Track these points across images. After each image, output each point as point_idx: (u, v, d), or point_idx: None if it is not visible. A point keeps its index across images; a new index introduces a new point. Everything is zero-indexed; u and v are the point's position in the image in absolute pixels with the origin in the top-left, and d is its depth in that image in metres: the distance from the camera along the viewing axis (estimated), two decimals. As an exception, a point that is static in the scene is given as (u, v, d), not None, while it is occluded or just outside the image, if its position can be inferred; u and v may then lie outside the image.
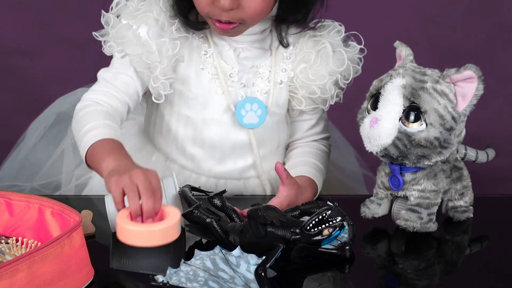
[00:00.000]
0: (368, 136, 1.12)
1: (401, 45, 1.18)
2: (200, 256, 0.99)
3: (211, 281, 0.95)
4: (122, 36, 1.21)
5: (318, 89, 1.26)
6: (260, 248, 1.00)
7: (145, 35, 1.20)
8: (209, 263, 0.98)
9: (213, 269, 0.97)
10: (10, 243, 1.01)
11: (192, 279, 0.95)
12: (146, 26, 1.20)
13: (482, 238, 1.18)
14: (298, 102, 1.28)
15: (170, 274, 0.96)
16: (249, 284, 0.96)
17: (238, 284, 0.96)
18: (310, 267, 1.03)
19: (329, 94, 1.27)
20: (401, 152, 1.11)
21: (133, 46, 1.21)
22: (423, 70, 1.12)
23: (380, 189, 1.19)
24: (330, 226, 0.98)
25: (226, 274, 0.97)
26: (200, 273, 0.96)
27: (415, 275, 1.05)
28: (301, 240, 0.99)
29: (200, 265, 0.97)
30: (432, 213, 1.16)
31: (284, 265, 1.01)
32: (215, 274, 0.97)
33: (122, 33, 1.21)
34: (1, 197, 1.07)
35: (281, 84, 1.27)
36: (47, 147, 1.48)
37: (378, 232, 1.19)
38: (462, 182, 1.20)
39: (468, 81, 1.10)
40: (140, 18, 1.20)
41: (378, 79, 1.18)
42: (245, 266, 0.98)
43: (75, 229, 0.93)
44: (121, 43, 1.22)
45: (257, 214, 1.02)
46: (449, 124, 1.10)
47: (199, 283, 0.95)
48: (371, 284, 1.05)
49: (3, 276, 0.85)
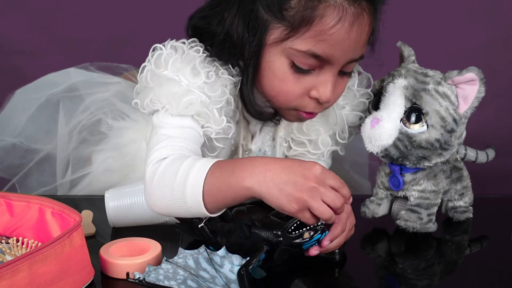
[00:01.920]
0: (369, 136, 1.12)
1: (403, 46, 1.18)
2: (184, 254, 0.99)
3: (189, 280, 0.94)
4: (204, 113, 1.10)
5: (311, 144, 1.24)
6: (246, 249, 1.00)
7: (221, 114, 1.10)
8: (191, 262, 0.98)
9: (194, 268, 0.97)
10: (10, 243, 1.01)
11: (170, 277, 0.94)
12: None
13: (482, 238, 1.18)
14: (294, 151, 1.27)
15: (149, 271, 0.95)
16: (230, 284, 0.95)
17: (218, 284, 0.95)
18: (299, 270, 1.03)
19: (324, 149, 1.24)
20: (401, 153, 1.11)
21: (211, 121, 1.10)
22: (425, 71, 1.12)
23: (380, 189, 1.20)
24: (311, 229, 0.97)
25: (207, 273, 0.97)
26: (180, 271, 0.96)
27: (415, 275, 1.05)
28: (283, 242, 0.99)
29: (181, 264, 0.97)
30: (432, 214, 1.16)
31: (273, 266, 1.01)
32: (196, 273, 0.96)
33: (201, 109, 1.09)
34: (1, 197, 1.07)
35: (285, 144, 1.26)
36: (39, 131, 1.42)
37: (378, 232, 1.19)
38: (462, 182, 1.20)
39: (470, 83, 1.10)
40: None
41: (379, 79, 1.18)
42: (228, 266, 0.98)
43: (75, 229, 0.93)
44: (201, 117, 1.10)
45: (241, 214, 1.02)
46: (450, 126, 1.10)
47: (177, 281, 0.94)
48: (371, 284, 1.05)
49: (4, 276, 0.85)
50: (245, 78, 1.09)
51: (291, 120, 1.16)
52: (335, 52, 1.04)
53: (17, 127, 1.39)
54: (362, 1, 1.03)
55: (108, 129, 1.36)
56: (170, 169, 1.00)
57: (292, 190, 0.92)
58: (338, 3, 1.02)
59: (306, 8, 1.01)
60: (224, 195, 0.96)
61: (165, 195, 1.00)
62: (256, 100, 1.12)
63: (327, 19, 1.02)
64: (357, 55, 1.07)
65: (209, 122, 1.10)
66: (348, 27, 1.02)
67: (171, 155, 1.03)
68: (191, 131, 1.08)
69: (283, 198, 0.92)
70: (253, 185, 0.93)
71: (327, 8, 1.01)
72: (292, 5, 1.02)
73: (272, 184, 0.92)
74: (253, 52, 1.07)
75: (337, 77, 1.08)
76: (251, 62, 1.07)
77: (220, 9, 1.09)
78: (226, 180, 0.95)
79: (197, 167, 0.98)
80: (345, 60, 1.06)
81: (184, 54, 1.09)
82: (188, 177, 0.98)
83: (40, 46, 2.09)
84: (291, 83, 1.07)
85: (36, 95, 1.39)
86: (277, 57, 1.06)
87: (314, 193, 0.92)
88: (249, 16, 1.05)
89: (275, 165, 0.94)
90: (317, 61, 1.04)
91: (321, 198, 0.92)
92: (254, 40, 1.06)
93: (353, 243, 1.14)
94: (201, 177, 0.97)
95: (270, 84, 1.08)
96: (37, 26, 2.09)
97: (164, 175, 1.01)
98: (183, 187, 0.98)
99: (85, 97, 1.39)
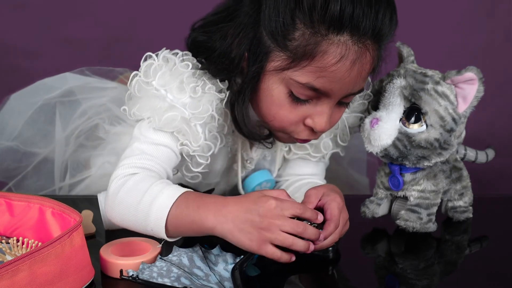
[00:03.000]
0: (368, 137, 1.12)
1: (402, 46, 1.18)
2: (178, 252, 0.99)
3: (183, 278, 0.95)
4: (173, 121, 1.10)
5: (312, 147, 1.24)
6: (240, 248, 1.01)
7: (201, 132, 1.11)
8: (185, 260, 0.98)
9: (188, 265, 0.98)
10: (10, 243, 1.01)
11: (164, 275, 0.95)
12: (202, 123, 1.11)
13: (482, 238, 1.18)
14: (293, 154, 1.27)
15: (143, 268, 0.96)
16: (223, 282, 0.96)
17: (211, 281, 0.96)
18: (293, 268, 1.03)
19: (326, 152, 1.25)
20: (401, 152, 1.11)
21: (188, 136, 1.11)
22: (424, 71, 1.12)
23: (380, 189, 1.20)
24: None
25: (201, 271, 0.98)
26: (174, 269, 0.96)
27: (415, 275, 1.05)
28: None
29: (176, 261, 0.98)
30: (431, 213, 1.16)
31: (267, 264, 1.02)
32: (190, 271, 0.97)
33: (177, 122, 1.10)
34: (1, 197, 1.07)
35: (285, 148, 1.26)
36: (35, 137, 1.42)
37: (378, 232, 1.19)
38: (462, 182, 1.20)
39: (469, 83, 1.10)
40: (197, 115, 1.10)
41: (378, 79, 1.18)
42: (222, 264, 0.99)
43: (75, 229, 0.94)
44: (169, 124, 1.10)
45: None
46: (449, 125, 1.10)
47: (171, 278, 0.94)
48: (371, 284, 1.05)
49: (4, 276, 0.85)
50: (240, 99, 1.09)
51: (284, 141, 1.16)
52: (334, 87, 1.03)
53: (14, 131, 1.40)
54: (367, 40, 1.01)
55: (105, 134, 1.37)
56: (137, 188, 1.03)
57: (250, 229, 0.95)
58: (342, 41, 1.00)
59: (309, 42, 1.00)
60: (186, 228, 0.99)
61: (128, 212, 1.02)
62: (251, 121, 1.13)
63: (329, 56, 1.01)
64: (356, 90, 1.07)
65: (188, 139, 1.10)
66: (349, 66, 1.01)
67: (140, 173, 1.05)
68: (166, 150, 1.10)
69: (243, 237, 0.95)
70: (216, 226, 0.96)
71: (330, 46, 1.00)
72: (296, 37, 1.01)
73: (233, 225, 0.96)
74: (252, 77, 1.06)
75: (335, 106, 1.08)
76: (249, 85, 1.08)
77: (223, 26, 1.09)
78: (190, 215, 0.98)
79: (165, 194, 1.00)
80: (343, 94, 1.06)
81: (174, 67, 1.10)
82: (154, 203, 1.00)
83: (40, 46, 2.09)
84: (288, 111, 1.07)
85: (32, 100, 1.40)
86: (276, 85, 1.06)
87: (270, 227, 0.95)
88: (252, 40, 1.05)
89: (235, 206, 0.97)
90: (315, 93, 1.04)
91: (280, 229, 0.95)
92: (255, 65, 1.06)
93: (353, 243, 1.14)
94: (167, 206, 0.99)
95: (266, 109, 1.09)
96: (37, 26, 2.09)
97: (130, 192, 1.03)
98: (148, 211, 1.00)
99: (82, 101, 1.39)
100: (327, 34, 1.00)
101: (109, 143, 1.36)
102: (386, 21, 1.01)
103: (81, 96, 1.39)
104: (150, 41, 1.15)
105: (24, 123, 1.39)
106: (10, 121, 1.40)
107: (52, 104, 1.39)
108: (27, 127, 1.40)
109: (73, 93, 1.39)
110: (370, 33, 1.00)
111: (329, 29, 0.99)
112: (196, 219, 0.98)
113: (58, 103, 1.38)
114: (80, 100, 1.39)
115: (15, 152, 1.40)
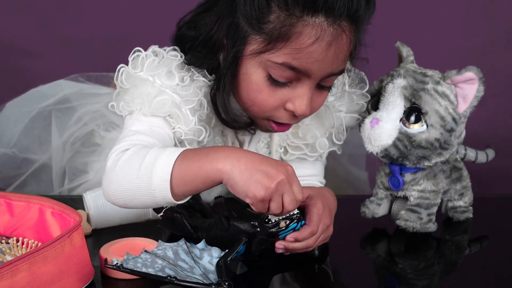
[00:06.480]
0: (369, 137, 1.12)
1: (402, 46, 1.18)
2: (163, 246, 1.00)
3: (167, 269, 0.95)
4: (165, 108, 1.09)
5: (308, 147, 1.23)
6: (225, 243, 1.01)
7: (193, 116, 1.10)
8: (170, 253, 0.99)
9: (173, 258, 0.98)
10: (10, 243, 1.01)
11: (148, 265, 0.95)
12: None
13: (482, 238, 1.18)
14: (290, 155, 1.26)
15: (127, 259, 0.95)
16: (208, 274, 0.96)
17: (196, 273, 0.96)
18: (280, 265, 1.04)
19: (322, 151, 1.24)
20: (401, 153, 1.11)
21: (181, 123, 1.10)
22: (424, 71, 1.13)
23: (380, 189, 1.20)
24: (286, 218, 0.99)
25: (185, 264, 0.98)
26: (158, 260, 0.96)
27: (415, 275, 1.05)
28: (260, 233, 1.00)
29: (160, 254, 0.98)
30: (431, 213, 1.16)
31: (255, 261, 1.03)
32: (174, 263, 0.97)
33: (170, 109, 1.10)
34: (1, 197, 1.07)
35: (281, 149, 1.26)
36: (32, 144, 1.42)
37: (378, 232, 1.19)
38: (462, 182, 1.20)
39: (469, 83, 1.10)
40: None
41: (378, 79, 1.18)
42: (207, 258, 0.99)
43: (75, 229, 0.94)
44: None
45: (220, 206, 1.03)
46: (449, 125, 1.10)
47: (155, 269, 0.94)
48: (371, 284, 1.05)
49: (4, 276, 0.85)
50: (221, 86, 1.09)
51: (262, 130, 1.16)
52: (312, 67, 1.03)
53: (11, 138, 1.40)
54: (343, 22, 1.01)
55: (101, 140, 1.37)
56: (137, 155, 1.00)
57: (262, 178, 0.93)
58: (317, 22, 1.00)
59: (284, 24, 1.01)
60: (193, 176, 0.95)
61: (128, 179, 0.99)
62: (233, 108, 1.12)
63: (304, 37, 1.00)
64: (336, 70, 1.06)
65: (180, 123, 1.10)
66: (325, 47, 1.01)
67: (138, 146, 1.03)
68: (160, 131, 1.08)
69: (252, 183, 0.93)
70: (225, 167, 0.94)
71: (305, 27, 1.00)
72: (271, 19, 1.01)
73: (245, 168, 0.93)
74: (231, 62, 1.06)
75: (315, 90, 1.07)
76: (228, 71, 1.07)
77: (204, 15, 1.09)
78: (199, 161, 0.95)
79: (167, 151, 0.98)
80: (323, 75, 1.05)
81: (163, 59, 1.10)
82: (157, 160, 0.97)
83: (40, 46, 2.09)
84: (267, 95, 1.06)
85: (28, 108, 1.40)
86: (255, 69, 1.05)
87: (281, 186, 0.94)
88: (230, 26, 1.05)
89: (251, 154, 0.96)
90: (294, 73, 1.04)
91: (283, 193, 0.94)
92: (232, 50, 1.05)
93: (353, 243, 1.14)
94: (172, 158, 0.96)
95: (246, 94, 1.08)
96: (37, 26, 2.09)
97: (129, 160, 1.00)
98: (150, 170, 0.97)
99: (77, 108, 1.40)
100: (302, 16, 1.00)
101: (105, 149, 1.36)
102: (362, 2, 1.01)
103: (76, 103, 1.40)
104: (150, 41, 1.15)
105: (21, 131, 1.40)
106: (6, 129, 1.41)
107: (48, 112, 1.39)
108: (24, 135, 1.40)
109: (68, 100, 1.40)
110: (345, 14, 1.00)
111: (303, 11, 0.99)
112: (205, 163, 0.95)
113: (53, 110, 1.39)
114: (75, 106, 1.40)
115: (13, 159, 1.40)
